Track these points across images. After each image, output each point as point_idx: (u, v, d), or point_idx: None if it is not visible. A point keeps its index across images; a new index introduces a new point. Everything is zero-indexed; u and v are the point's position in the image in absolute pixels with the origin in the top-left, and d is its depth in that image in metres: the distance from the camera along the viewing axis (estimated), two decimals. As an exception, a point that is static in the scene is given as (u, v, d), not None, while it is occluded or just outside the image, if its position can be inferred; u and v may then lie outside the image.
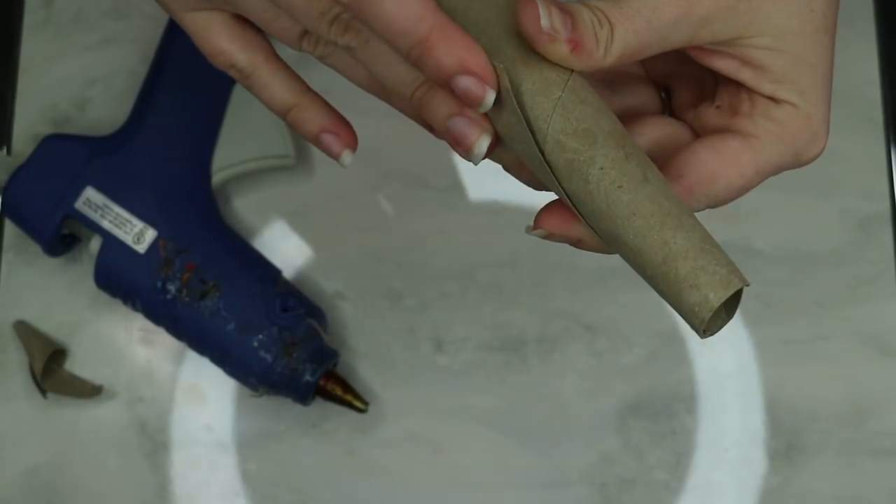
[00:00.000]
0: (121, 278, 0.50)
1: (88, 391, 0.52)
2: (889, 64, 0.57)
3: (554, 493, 0.52)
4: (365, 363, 0.53)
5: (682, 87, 0.36)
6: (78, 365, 0.53)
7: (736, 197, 0.32)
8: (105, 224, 0.50)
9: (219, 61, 0.34)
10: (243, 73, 0.34)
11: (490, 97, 0.29)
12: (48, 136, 0.51)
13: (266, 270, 0.51)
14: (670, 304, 0.30)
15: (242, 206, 0.55)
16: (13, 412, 0.53)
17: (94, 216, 0.50)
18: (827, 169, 0.55)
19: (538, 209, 0.32)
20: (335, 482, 0.52)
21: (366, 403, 0.51)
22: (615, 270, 0.54)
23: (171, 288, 0.49)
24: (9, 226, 0.54)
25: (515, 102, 0.30)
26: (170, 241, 0.50)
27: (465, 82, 0.29)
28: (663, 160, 0.33)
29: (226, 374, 0.51)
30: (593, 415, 0.53)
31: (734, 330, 0.54)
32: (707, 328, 0.30)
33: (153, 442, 0.52)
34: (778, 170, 0.33)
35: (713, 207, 0.33)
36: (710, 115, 0.34)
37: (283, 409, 0.52)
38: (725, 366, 0.54)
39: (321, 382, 0.50)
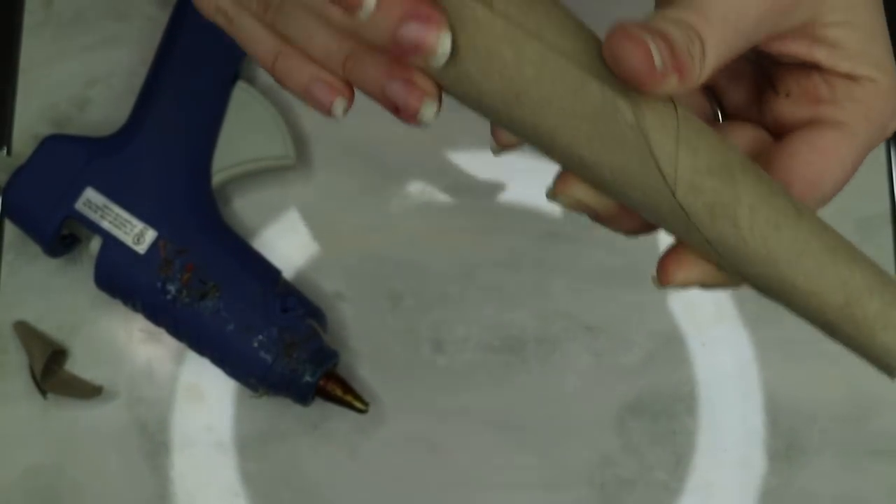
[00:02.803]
0: (121, 279, 0.50)
1: (89, 392, 0.52)
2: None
3: (554, 493, 0.52)
4: (365, 364, 0.53)
5: (734, 85, 0.33)
6: (78, 365, 0.53)
7: (838, 192, 0.30)
8: (105, 225, 0.50)
9: (204, 5, 0.31)
10: (228, 19, 0.30)
11: (445, 43, 0.26)
12: (48, 137, 0.51)
13: (266, 271, 0.51)
14: (853, 349, 0.27)
15: (242, 207, 0.55)
16: (13, 413, 0.53)
17: (94, 217, 0.50)
18: (827, 169, 0.55)
19: (543, 210, 0.31)
20: (335, 482, 0.52)
21: (366, 404, 0.51)
22: (615, 271, 0.54)
23: (171, 288, 0.49)
24: (9, 226, 0.54)
25: (642, 137, 0.26)
26: (170, 241, 0.50)
27: (410, 30, 0.26)
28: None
29: (226, 374, 0.51)
30: (593, 415, 0.53)
31: (734, 330, 0.54)
32: None
33: (153, 442, 0.52)
34: (870, 150, 0.31)
35: (820, 208, 0.30)
36: (783, 107, 0.31)
37: (283, 410, 0.52)
38: (725, 366, 0.54)
39: (321, 383, 0.50)
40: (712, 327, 0.53)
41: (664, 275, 0.29)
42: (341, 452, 0.53)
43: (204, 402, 0.53)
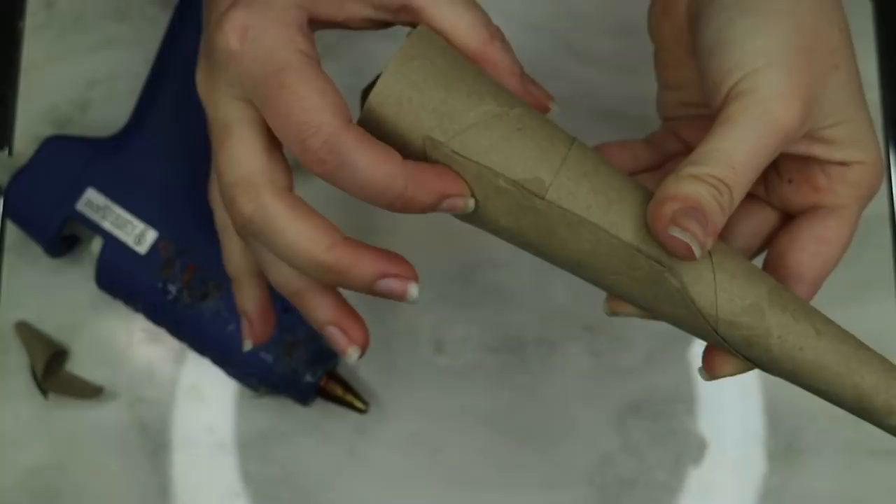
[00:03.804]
0: (122, 279, 0.50)
1: (89, 392, 0.52)
2: (888, 66, 0.57)
3: (554, 493, 0.52)
4: (365, 364, 0.53)
5: None
6: (79, 366, 0.53)
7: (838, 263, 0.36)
8: (106, 225, 0.50)
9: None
10: (244, 231, 0.34)
11: (413, 291, 0.34)
12: (49, 138, 0.51)
13: (267, 271, 0.51)
14: (868, 422, 0.34)
15: (243, 208, 0.55)
16: (14, 413, 0.53)
17: (95, 217, 0.50)
18: (826, 170, 0.55)
19: None
20: (336, 482, 0.52)
21: (366, 404, 0.51)
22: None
23: (172, 289, 0.49)
24: (10, 227, 0.54)
25: (689, 300, 0.32)
26: (171, 242, 0.50)
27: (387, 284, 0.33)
28: (768, 252, 0.36)
29: (226, 374, 0.51)
30: (593, 415, 0.53)
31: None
32: None
33: (154, 443, 0.53)
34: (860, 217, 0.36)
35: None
36: (786, 193, 0.36)
37: (283, 410, 0.52)
38: (725, 366, 0.54)
39: (322, 383, 0.50)
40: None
41: (711, 370, 0.35)
42: (342, 452, 0.53)
43: (205, 402, 0.53)
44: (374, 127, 0.32)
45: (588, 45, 0.57)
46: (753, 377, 0.54)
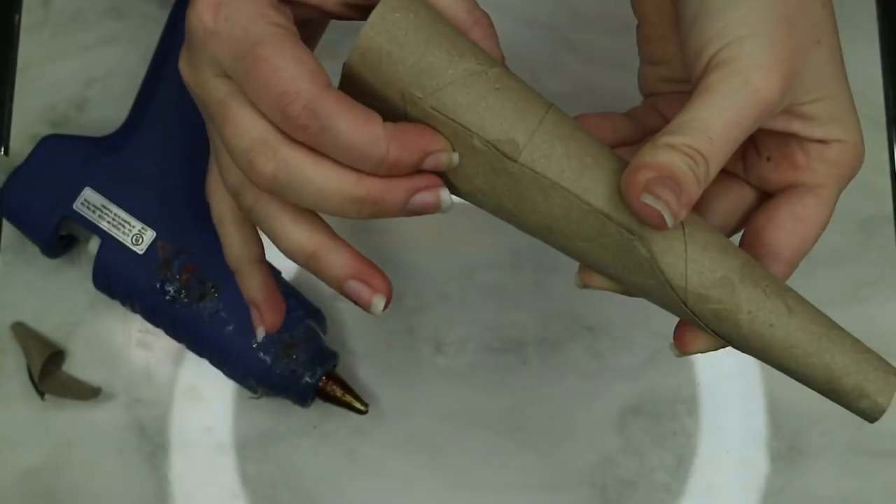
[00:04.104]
0: (119, 279, 0.50)
1: (87, 393, 0.52)
2: (891, 65, 0.57)
3: (554, 494, 0.52)
4: (365, 364, 0.53)
5: None
6: (76, 366, 0.53)
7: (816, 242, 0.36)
8: (104, 225, 0.50)
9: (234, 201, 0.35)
10: (250, 210, 0.34)
11: (445, 197, 0.33)
12: (46, 137, 0.51)
13: (265, 271, 0.51)
14: (838, 404, 0.33)
15: (241, 207, 0.55)
16: (11, 414, 0.52)
17: (92, 217, 0.50)
18: (828, 169, 0.55)
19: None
20: (335, 484, 0.52)
21: (365, 405, 0.51)
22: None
23: (170, 289, 0.49)
24: (7, 226, 0.54)
25: (657, 270, 0.32)
26: (169, 241, 0.50)
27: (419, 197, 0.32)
28: (745, 230, 0.36)
29: (225, 375, 0.51)
30: (594, 416, 0.53)
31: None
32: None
33: (152, 444, 0.52)
34: (838, 198, 0.36)
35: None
36: (765, 170, 0.36)
37: (282, 411, 0.52)
38: (727, 367, 0.53)
39: (321, 384, 0.50)
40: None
41: (682, 345, 0.35)
42: (341, 453, 0.52)
43: (203, 403, 0.53)
44: (354, 83, 0.32)
45: (588, 43, 0.57)
46: (755, 378, 0.53)
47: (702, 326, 0.33)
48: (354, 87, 0.32)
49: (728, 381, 0.53)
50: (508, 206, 0.33)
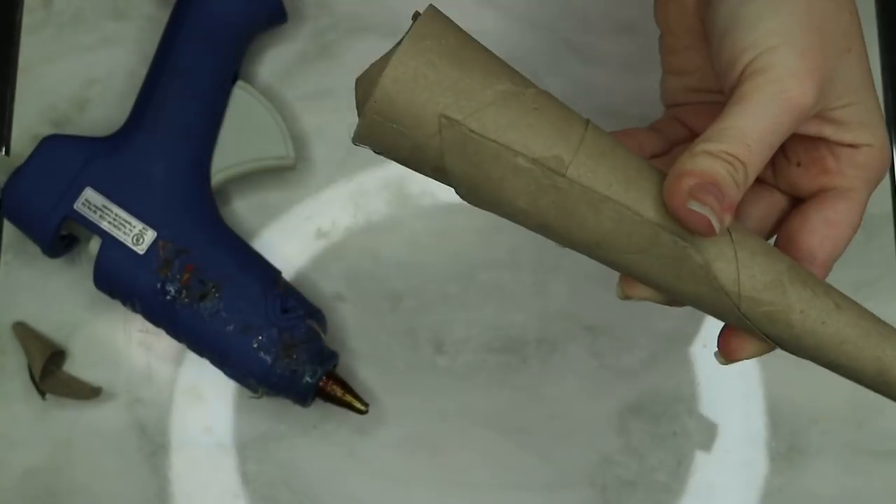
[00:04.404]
0: (120, 279, 0.50)
1: (87, 393, 0.52)
2: (891, 65, 0.57)
3: (554, 494, 0.52)
4: (365, 364, 0.53)
5: None
6: (77, 366, 0.53)
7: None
8: (104, 225, 0.50)
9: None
10: None
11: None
12: (47, 137, 0.51)
13: (266, 271, 0.51)
14: (888, 398, 0.34)
15: (242, 207, 0.55)
16: (12, 414, 0.53)
17: (93, 217, 0.50)
18: (828, 169, 0.55)
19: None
20: (335, 484, 0.52)
21: (366, 405, 0.51)
22: (615, 271, 0.54)
23: (171, 289, 0.49)
24: (8, 227, 0.54)
25: (711, 276, 0.32)
26: (169, 242, 0.50)
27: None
28: (778, 236, 0.36)
29: (225, 375, 0.51)
30: (594, 416, 0.53)
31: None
32: None
33: (153, 443, 0.52)
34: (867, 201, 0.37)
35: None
36: (795, 176, 0.37)
37: (282, 411, 0.52)
38: (726, 367, 0.53)
39: (321, 384, 0.50)
40: (713, 328, 0.53)
41: (729, 353, 0.35)
42: (341, 453, 0.52)
43: (203, 402, 0.53)
44: (386, 107, 0.31)
45: (590, 44, 0.57)
46: (755, 378, 0.53)
47: (753, 330, 0.33)
48: (386, 108, 0.32)
49: (728, 381, 0.53)
50: (554, 223, 0.33)
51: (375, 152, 0.33)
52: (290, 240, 0.54)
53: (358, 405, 0.51)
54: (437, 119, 0.31)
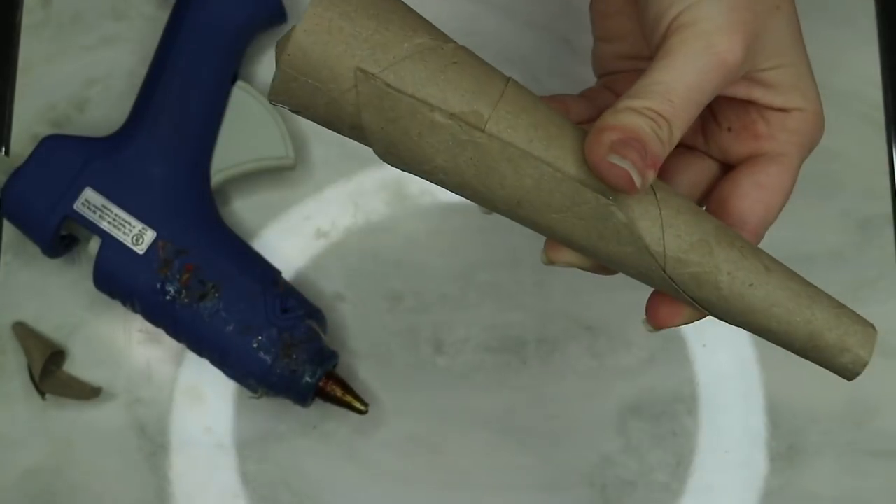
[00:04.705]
0: (120, 279, 0.50)
1: (87, 393, 0.52)
2: (890, 64, 0.57)
3: (554, 494, 0.52)
4: (365, 364, 0.53)
5: None
6: (77, 366, 0.53)
7: (780, 212, 0.36)
8: (104, 225, 0.50)
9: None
10: None
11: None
12: (47, 137, 0.51)
13: (265, 271, 0.51)
14: (818, 364, 0.33)
15: (242, 207, 0.55)
16: (12, 414, 0.53)
17: (93, 217, 0.50)
18: (828, 169, 0.55)
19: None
20: (335, 484, 0.52)
21: (366, 405, 0.51)
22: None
23: (171, 289, 0.49)
24: (7, 227, 0.54)
25: (636, 235, 0.31)
26: (169, 242, 0.50)
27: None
28: (709, 202, 0.36)
29: (225, 375, 0.51)
30: (593, 416, 0.53)
31: (734, 331, 0.53)
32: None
33: (152, 443, 0.52)
34: (800, 167, 0.36)
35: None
36: (726, 141, 0.36)
37: (282, 411, 0.52)
38: (726, 367, 0.54)
39: (321, 384, 0.50)
40: (713, 328, 0.53)
41: (656, 320, 0.34)
42: (341, 453, 0.52)
43: (203, 403, 0.53)
44: (300, 61, 0.30)
45: (588, 44, 0.56)
46: (754, 378, 0.53)
47: (680, 294, 0.32)
48: (300, 62, 0.30)
49: (727, 381, 0.53)
50: (474, 182, 0.31)
51: (292, 111, 0.32)
52: (289, 240, 0.54)
53: (358, 405, 0.51)
54: (352, 73, 0.30)
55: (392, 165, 0.33)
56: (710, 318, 0.34)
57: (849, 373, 0.33)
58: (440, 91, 0.31)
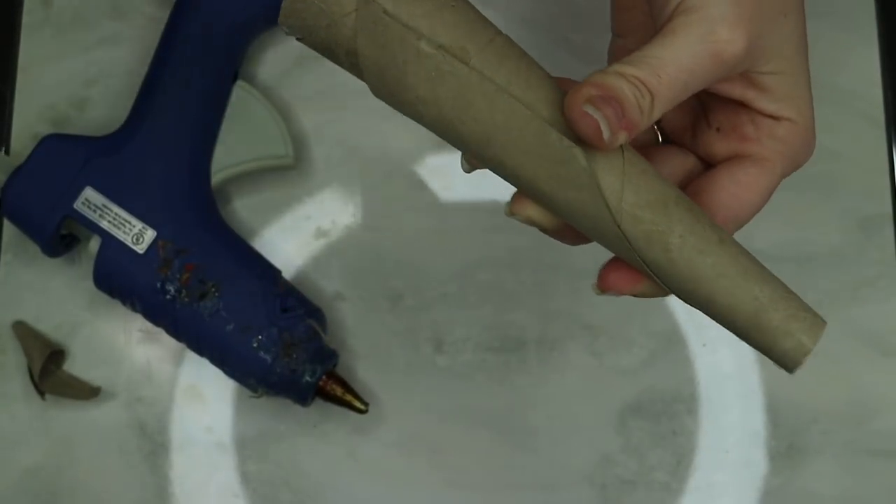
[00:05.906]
0: (120, 279, 0.50)
1: (87, 392, 0.52)
2: (891, 64, 0.57)
3: (554, 494, 0.52)
4: (365, 364, 0.53)
5: (674, 112, 0.37)
6: (77, 366, 0.53)
7: (754, 216, 0.35)
8: (104, 224, 0.50)
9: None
10: None
11: None
12: (47, 136, 0.51)
13: (266, 271, 0.51)
14: (758, 349, 0.32)
15: (242, 207, 0.55)
16: (11, 414, 0.53)
17: (93, 216, 0.50)
18: (828, 169, 0.55)
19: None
20: (335, 483, 0.52)
21: (366, 404, 0.51)
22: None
23: (171, 288, 0.49)
24: (7, 226, 0.54)
25: (594, 182, 0.31)
26: (169, 241, 0.50)
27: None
28: (684, 192, 0.35)
29: (225, 374, 0.51)
30: (593, 415, 0.53)
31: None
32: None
33: (152, 443, 0.52)
34: (782, 180, 0.36)
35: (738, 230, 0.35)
36: (713, 140, 0.36)
37: (282, 410, 0.52)
38: (726, 366, 0.54)
39: (321, 383, 0.50)
40: (713, 328, 0.53)
41: (604, 283, 0.34)
42: (341, 453, 0.52)
43: (203, 402, 0.53)
44: None
45: (588, 43, 0.57)
46: (754, 378, 0.53)
47: (631, 253, 0.32)
48: None
49: (727, 381, 0.53)
50: (450, 115, 0.32)
51: (298, 39, 0.33)
52: (289, 239, 0.54)
53: (358, 404, 0.51)
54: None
55: (380, 98, 0.33)
56: (708, 319, 0.34)
57: (789, 361, 0.32)
58: (432, 25, 0.32)
